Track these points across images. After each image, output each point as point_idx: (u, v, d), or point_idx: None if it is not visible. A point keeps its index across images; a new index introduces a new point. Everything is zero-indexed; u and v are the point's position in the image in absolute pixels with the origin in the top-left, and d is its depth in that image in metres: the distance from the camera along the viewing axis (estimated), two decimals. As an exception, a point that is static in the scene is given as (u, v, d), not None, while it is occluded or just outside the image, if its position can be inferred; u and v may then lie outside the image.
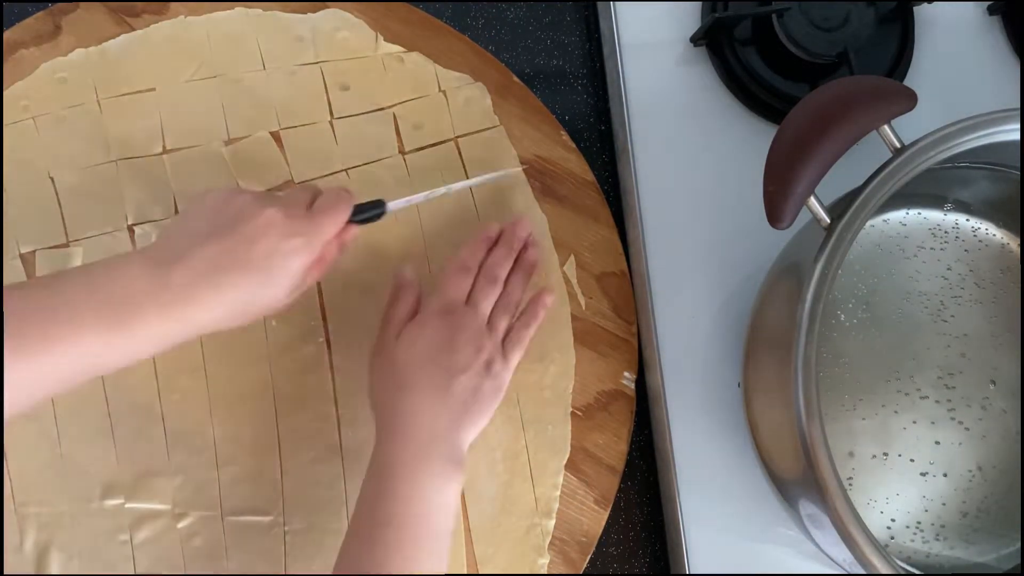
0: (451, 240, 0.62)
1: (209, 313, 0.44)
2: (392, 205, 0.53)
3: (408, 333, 0.54)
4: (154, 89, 0.63)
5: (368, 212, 0.52)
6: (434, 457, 0.50)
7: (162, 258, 0.44)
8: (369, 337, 0.59)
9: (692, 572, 0.58)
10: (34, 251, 0.60)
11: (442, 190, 0.57)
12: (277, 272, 0.46)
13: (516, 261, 0.59)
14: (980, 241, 0.58)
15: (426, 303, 0.56)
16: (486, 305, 0.55)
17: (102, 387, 0.58)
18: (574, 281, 0.63)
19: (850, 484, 0.54)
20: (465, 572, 0.58)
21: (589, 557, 0.60)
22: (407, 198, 0.55)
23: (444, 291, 0.55)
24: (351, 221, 0.51)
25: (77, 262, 0.59)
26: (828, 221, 0.45)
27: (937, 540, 0.54)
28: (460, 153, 0.63)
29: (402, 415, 0.51)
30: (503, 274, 0.57)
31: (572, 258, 0.63)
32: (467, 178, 0.63)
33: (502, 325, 0.56)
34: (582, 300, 0.62)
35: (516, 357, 0.56)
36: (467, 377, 0.52)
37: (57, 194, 0.60)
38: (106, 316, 0.42)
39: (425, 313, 0.55)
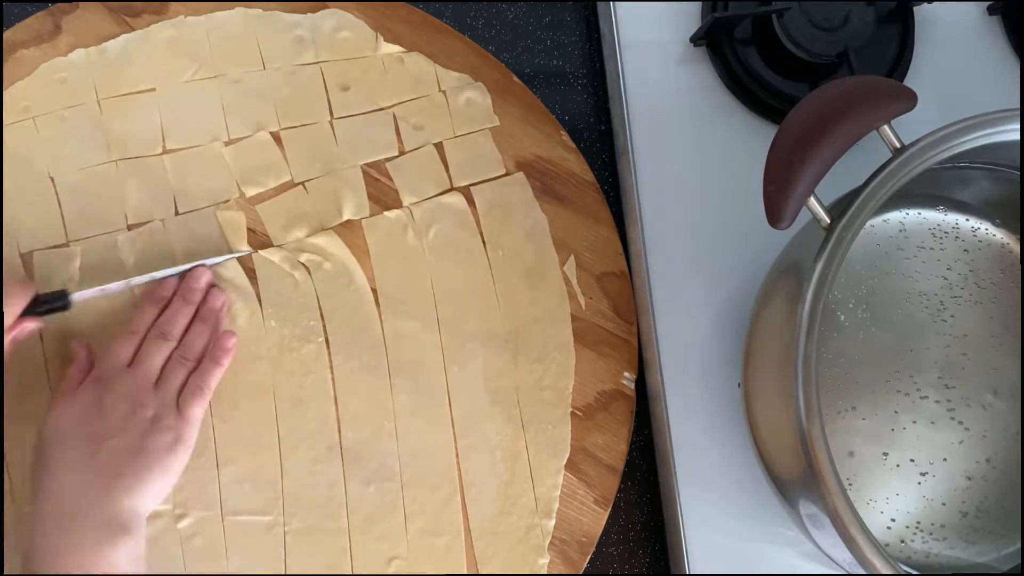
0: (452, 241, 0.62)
1: None
2: (77, 296, 0.52)
3: (55, 409, 0.52)
4: (154, 89, 0.63)
5: (51, 302, 0.51)
6: (84, 529, 0.48)
7: None
8: (369, 337, 0.59)
9: (692, 572, 0.58)
10: (34, 251, 0.60)
11: (144, 278, 0.56)
12: None
13: (198, 311, 0.57)
14: (980, 241, 0.58)
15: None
16: (152, 363, 0.54)
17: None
18: (574, 281, 0.63)
19: (850, 484, 0.54)
20: (465, 572, 0.58)
21: (589, 557, 0.60)
22: (98, 287, 0.54)
23: (102, 359, 0.54)
24: (30, 313, 0.49)
25: (77, 263, 0.59)
26: (828, 221, 0.45)
27: (937, 540, 0.54)
28: (444, 154, 0.64)
29: (44, 493, 0.49)
30: (176, 330, 0.55)
31: (572, 258, 0.63)
32: (449, 179, 0.63)
33: (175, 378, 0.54)
34: (582, 300, 0.62)
35: (196, 406, 0.54)
36: (120, 439, 0.50)
37: (57, 194, 0.60)
38: None
39: (79, 386, 0.53)
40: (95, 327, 0.57)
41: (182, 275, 0.58)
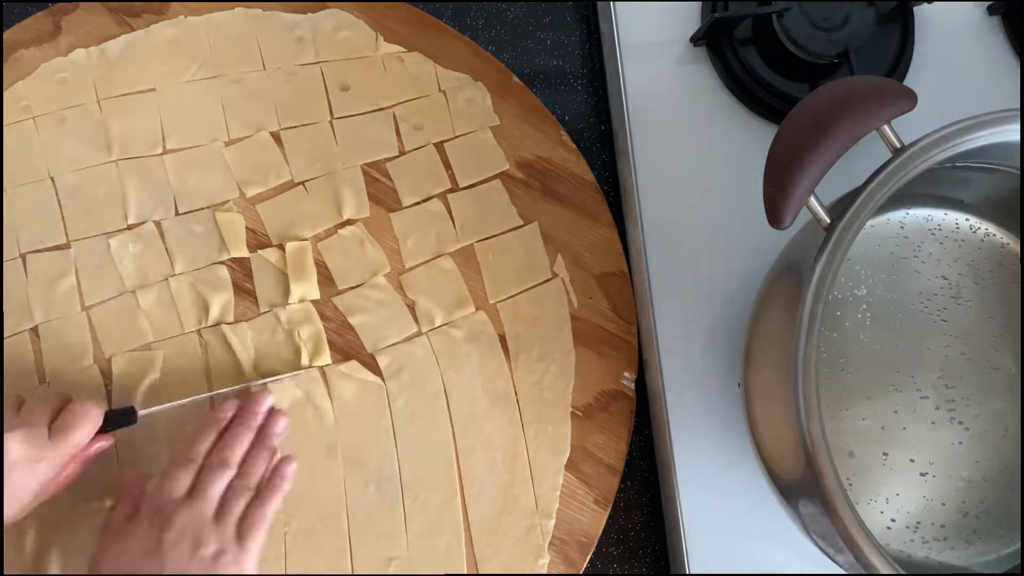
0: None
1: None
2: (144, 413, 0.52)
3: (111, 545, 0.49)
4: (154, 89, 0.63)
5: (119, 420, 0.51)
6: None
7: None
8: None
9: (692, 572, 0.58)
10: (34, 251, 0.60)
11: (204, 396, 0.56)
12: (12, 497, 0.46)
13: (258, 436, 0.55)
14: (980, 241, 0.58)
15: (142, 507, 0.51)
16: (212, 493, 0.51)
17: (102, 388, 0.58)
18: (566, 279, 0.63)
19: (850, 484, 0.54)
20: (465, 572, 0.58)
21: (589, 557, 0.60)
22: (163, 405, 0.54)
23: (158, 490, 0.51)
24: (101, 431, 0.50)
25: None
26: (828, 221, 0.45)
27: (937, 540, 0.54)
28: (446, 155, 0.64)
29: None
30: (235, 456, 0.53)
31: (559, 258, 0.63)
32: (450, 183, 0.63)
33: (235, 508, 0.51)
34: (575, 299, 0.62)
35: (255, 539, 0.51)
36: None
37: (57, 194, 0.61)
38: None
39: (133, 519, 0.50)
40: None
41: (239, 394, 0.57)
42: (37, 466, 0.46)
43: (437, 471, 0.59)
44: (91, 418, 0.49)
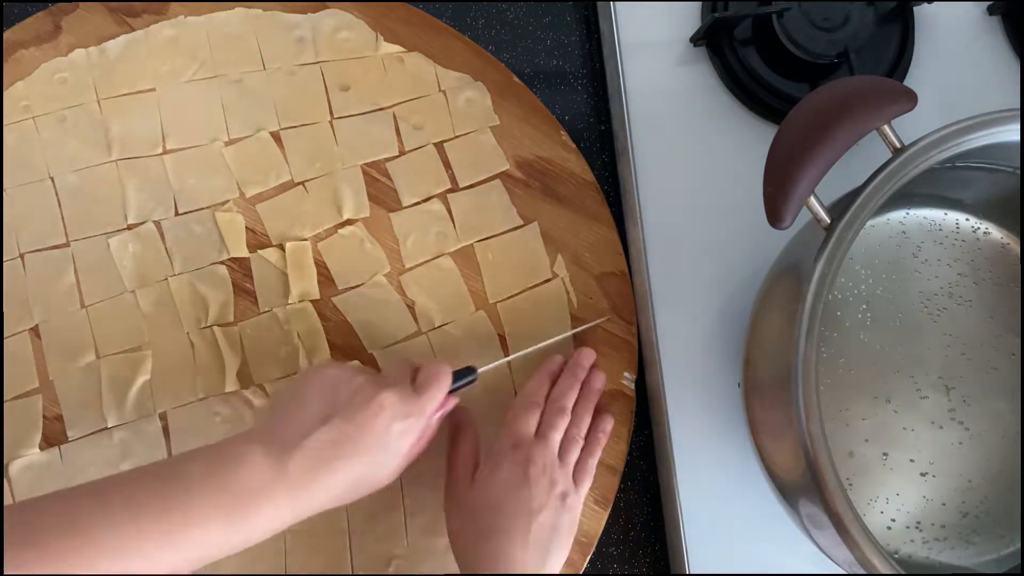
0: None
1: (325, 494, 0.46)
2: (482, 370, 0.55)
3: (481, 476, 0.53)
4: (154, 89, 0.63)
5: (463, 380, 0.54)
6: None
7: (279, 445, 0.45)
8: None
9: (692, 572, 0.58)
10: (34, 251, 0.60)
11: (530, 350, 0.59)
12: (392, 453, 0.48)
13: (582, 389, 0.58)
14: (980, 241, 0.58)
15: (495, 440, 0.55)
16: (556, 437, 0.55)
17: (100, 388, 0.58)
18: (566, 280, 0.62)
19: (850, 484, 0.54)
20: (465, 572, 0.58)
21: (589, 557, 0.60)
22: (497, 361, 0.58)
23: (513, 427, 0.55)
24: (449, 392, 0.52)
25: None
26: (828, 221, 0.45)
27: (937, 540, 0.54)
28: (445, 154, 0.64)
29: (488, 564, 0.50)
30: (570, 404, 0.57)
31: (559, 258, 0.63)
32: (450, 183, 0.63)
33: (572, 455, 0.55)
34: (574, 299, 0.62)
35: (587, 486, 0.56)
36: (545, 515, 0.51)
37: (57, 194, 0.60)
38: (226, 511, 0.43)
39: (496, 452, 0.54)
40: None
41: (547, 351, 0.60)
42: (407, 421, 0.48)
43: (436, 470, 0.59)
44: (444, 376, 0.51)
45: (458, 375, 0.54)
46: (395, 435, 0.48)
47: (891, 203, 0.47)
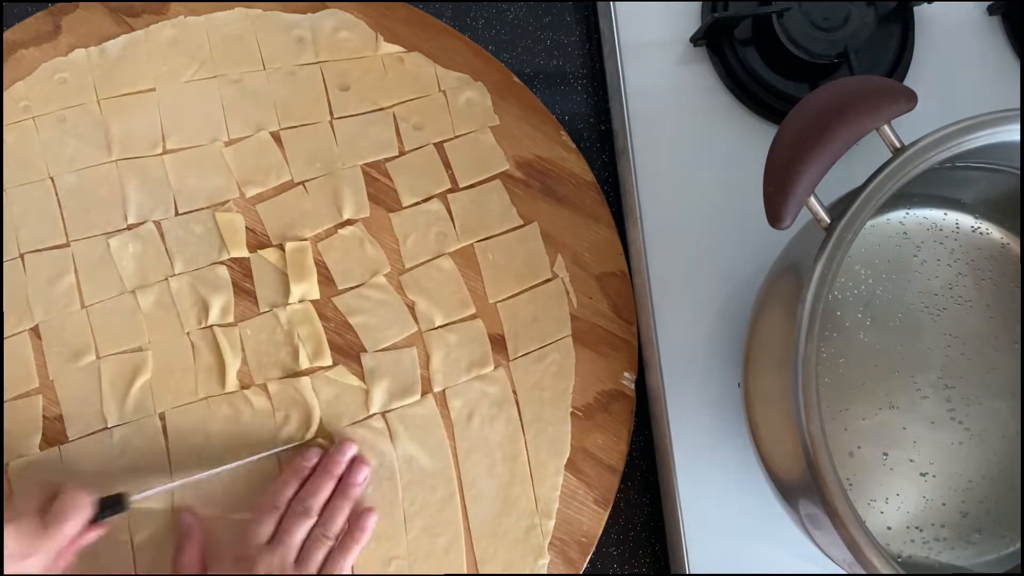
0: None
1: None
2: (136, 498, 0.51)
3: None
4: (154, 89, 0.63)
5: (110, 510, 0.50)
6: None
7: None
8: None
9: (692, 572, 0.58)
10: (34, 251, 0.60)
11: (204, 474, 0.55)
12: None
13: (339, 485, 0.55)
14: (980, 241, 0.58)
15: (221, 549, 0.52)
16: (293, 540, 0.52)
17: (100, 388, 0.58)
18: (566, 279, 0.63)
19: (850, 484, 0.54)
20: (465, 572, 0.58)
21: (589, 557, 0.60)
22: (155, 489, 0.53)
23: (243, 535, 0.52)
24: (94, 521, 0.49)
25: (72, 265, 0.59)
26: (828, 221, 0.45)
27: (937, 540, 0.54)
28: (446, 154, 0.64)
29: None
30: (317, 504, 0.54)
31: (559, 258, 0.63)
32: (450, 183, 0.63)
33: (316, 558, 0.52)
34: (574, 299, 0.62)
35: None
36: None
37: (57, 194, 0.61)
38: None
39: (221, 564, 0.51)
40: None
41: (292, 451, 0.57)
42: (27, 562, 0.45)
43: (436, 471, 0.59)
44: (82, 507, 0.48)
45: (105, 503, 0.50)
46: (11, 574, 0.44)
47: (891, 203, 0.47)
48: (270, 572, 0.50)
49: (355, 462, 0.57)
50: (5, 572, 0.44)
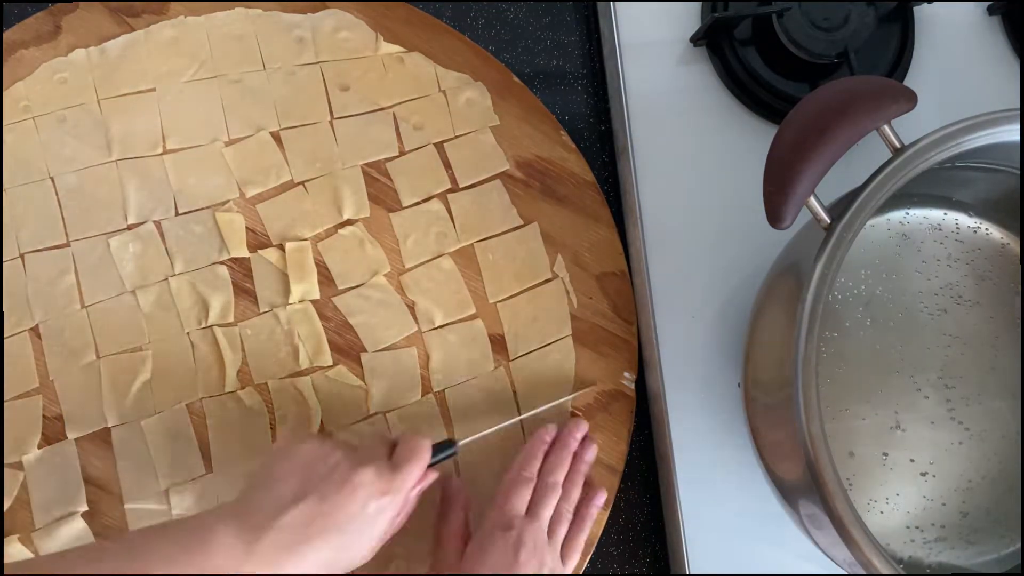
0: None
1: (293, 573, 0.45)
2: (463, 443, 0.54)
3: (471, 554, 0.52)
4: (154, 89, 0.63)
5: (442, 453, 0.53)
6: None
7: (250, 522, 0.44)
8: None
9: (692, 572, 0.58)
10: (34, 251, 0.60)
11: (512, 421, 0.58)
12: (367, 533, 0.47)
13: (573, 462, 0.57)
14: (980, 241, 0.58)
15: (485, 517, 0.54)
16: (547, 514, 0.54)
17: (100, 388, 0.58)
18: (566, 279, 0.63)
19: (850, 484, 0.54)
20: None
21: (589, 557, 0.60)
22: (478, 434, 0.56)
23: (504, 505, 0.54)
24: (428, 465, 0.51)
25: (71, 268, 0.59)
26: (828, 221, 0.45)
27: (937, 540, 0.54)
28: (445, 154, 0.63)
29: None
30: (561, 478, 0.56)
31: (559, 258, 0.63)
32: (450, 183, 0.63)
33: (561, 532, 0.54)
34: (574, 299, 0.62)
35: (574, 562, 0.55)
36: None
37: (57, 194, 0.60)
38: None
39: (486, 530, 0.53)
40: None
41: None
42: (384, 499, 0.47)
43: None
44: (423, 450, 0.50)
45: (437, 448, 0.52)
46: (371, 514, 0.47)
47: (891, 203, 0.47)
48: (535, 544, 0.52)
49: (586, 440, 0.59)
50: (366, 515, 0.47)
